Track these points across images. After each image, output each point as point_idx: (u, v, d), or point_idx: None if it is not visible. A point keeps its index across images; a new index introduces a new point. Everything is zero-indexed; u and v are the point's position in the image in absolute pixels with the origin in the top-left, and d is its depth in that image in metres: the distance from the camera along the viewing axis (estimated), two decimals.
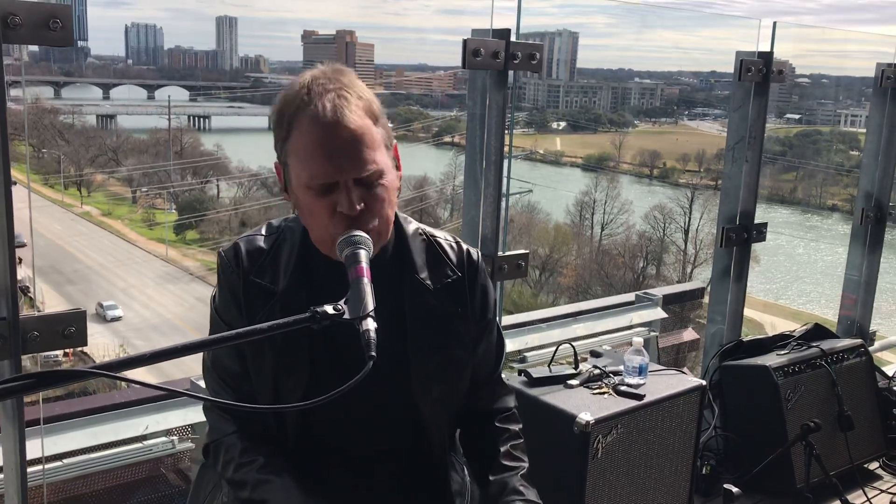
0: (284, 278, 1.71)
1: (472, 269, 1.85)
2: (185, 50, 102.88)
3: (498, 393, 1.97)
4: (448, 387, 1.80)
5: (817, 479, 3.39)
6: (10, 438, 2.18)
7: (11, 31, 1.94)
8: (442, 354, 1.78)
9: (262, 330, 1.31)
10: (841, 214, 49.48)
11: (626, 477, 2.90)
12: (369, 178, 1.59)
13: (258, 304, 1.70)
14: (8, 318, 2.08)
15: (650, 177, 63.47)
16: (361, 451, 1.77)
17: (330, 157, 1.56)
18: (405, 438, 1.80)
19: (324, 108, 1.55)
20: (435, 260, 1.81)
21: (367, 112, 1.60)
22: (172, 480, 3.55)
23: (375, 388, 1.37)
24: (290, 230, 1.76)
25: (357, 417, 1.72)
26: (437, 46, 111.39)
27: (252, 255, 1.73)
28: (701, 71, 75.92)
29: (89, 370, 1.19)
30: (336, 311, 1.35)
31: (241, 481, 1.70)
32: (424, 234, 1.83)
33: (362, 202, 1.58)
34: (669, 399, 2.98)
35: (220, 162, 54.10)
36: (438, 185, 49.58)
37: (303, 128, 1.57)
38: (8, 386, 1.07)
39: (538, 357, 4.29)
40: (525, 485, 1.83)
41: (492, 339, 1.93)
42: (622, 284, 37.25)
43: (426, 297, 1.76)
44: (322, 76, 1.61)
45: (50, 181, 50.61)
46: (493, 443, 1.89)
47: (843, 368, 3.77)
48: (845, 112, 60.91)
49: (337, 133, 1.55)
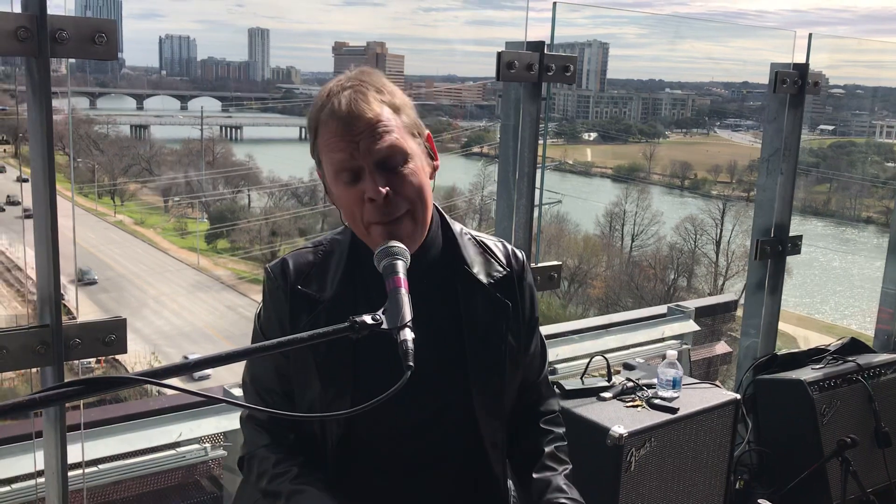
0: (331, 287, 1.73)
1: (519, 266, 1.87)
2: (217, 61, 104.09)
3: (544, 395, 1.98)
4: (504, 381, 1.79)
5: (854, 497, 3.35)
6: (52, 443, 2.22)
7: (59, 46, 1.99)
8: (498, 349, 1.78)
9: (301, 339, 1.33)
10: (876, 227, 48.65)
11: (660, 491, 2.88)
12: (390, 161, 1.62)
13: (303, 312, 1.72)
14: (51, 326, 2.13)
15: (681, 188, 62.94)
16: (414, 458, 1.76)
17: (347, 142, 1.60)
18: (463, 438, 1.78)
19: (339, 102, 1.61)
20: (484, 257, 1.83)
21: (387, 103, 1.64)
22: (205, 487, 3.58)
23: (432, 390, 1.37)
24: (338, 242, 1.78)
25: (413, 423, 1.72)
26: (466, 58, 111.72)
27: (300, 268, 1.76)
28: (733, 82, 75.23)
29: (135, 377, 1.21)
30: (374, 321, 1.36)
31: (275, 492, 1.71)
32: (470, 234, 1.86)
33: (387, 186, 1.61)
34: (703, 413, 2.96)
35: (252, 172, 54.62)
36: (467, 195, 49.61)
37: (325, 124, 1.63)
38: (59, 392, 1.10)
39: (569, 369, 4.27)
40: (569, 484, 1.83)
41: (538, 340, 1.94)
42: (653, 296, 36.96)
43: (480, 293, 1.78)
44: (345, 78, 1.67)
45: (84, 190, 51.39)
46: (537, 443, 1.90)
47: (881, 384, 3.71)
48: (880, 123, 60.00)
49: (353, 122, 1.60)
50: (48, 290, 2.13)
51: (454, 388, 1.74)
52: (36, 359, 2.11)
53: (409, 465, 1.76)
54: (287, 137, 66.88)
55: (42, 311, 2.15)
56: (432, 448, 1.76)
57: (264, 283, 1.79)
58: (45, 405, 1.05)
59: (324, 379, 1.71)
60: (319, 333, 1.34)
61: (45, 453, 2.25)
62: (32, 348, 2.10)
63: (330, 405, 1.71)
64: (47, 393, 1.08)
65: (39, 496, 2.40)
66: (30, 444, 2.43)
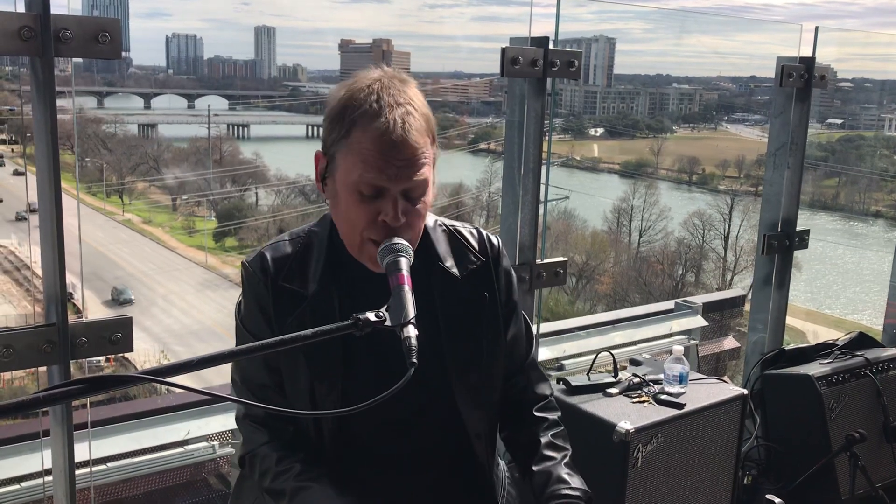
0: (314, 283, 1.72)
1: (494, 253, 1.87)
2: (224, 59, 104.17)
3: (532, 379, 1.97)
4: (484, 373, 1.81)
5: (863, 491, 3.33)
6: (59, 441, 2.23)
7: (63, 45, 2.00)
8: (475, 341, 1.79)
9: (305, 337, 1.33)
10: (886, 221, 48.47)
11: (667, 486, 2.87)
12: (416, 191, 1.63)
13: (288, 309, 1.71)
14: (57, 324, 2.13)
15: (689, 183, 62.71)
16: (402, 452, 1.77)
17: (388, 168, 1.59)
18: (448, 432, 1.80)
19: (394, 123, 1.59)
20: (458, 248, 1.83)
21: (428, 131, 1.65)
22: (213, 485, 3.60)
23: (415, 385, 1.38)
24: (316, 235, 1.78)
25: (401, 416, 1.73)
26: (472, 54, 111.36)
27: (279, 262, 1.75)
28: (740, 76, 74.80)
29: (139, 375, 1.22)
30: (378, 318, 1.37)
31: (279, 490, 1.71)
32: (444, 224, 1.86)
33: (405, 216, 1.61)
34: (710, 408, 2.96)
35: (259, 170, 54.67)
36: (474, 192, 49.57)
37: (368, 135, 1.59)
38: (62, 390, 1.10)
39: (576, 365, 4.27)
40: (570, 472, 1.83)
41: (520, 324, 1.94)
42: (661, 292, 36.86)
43: (454, 286, 1.79)
44: (391, 86, 1.64)
45: (93, 189, 51.56)
46: (533, 433, 1.89)
47: (889, 378, 3.70)
48: (890, 116, 59.66)
49: (402, 149, 1.59)
50: (54, 289, 2.13)
51: (435, 383, 1.74)
52: (42, 358, 2.12)
53: (396, 459, 1.77)
54: (294, 135, 66.91)
55: (48, 310, 2.16)
56: (418, 442, 1.77)
57: (243, 279, 1.78)
58: (49, 404, 1.05)
59: (314, 373, 1.71)
60: (324, 331, 1.35)
61: (52, 452, 2.26)
62: (39, 347, 2.10)
63: (321, 399, 1.71)
64: (51, 392, 1.09)
65: (48, 494, 2.42)
66: (37, 443, 2.44)
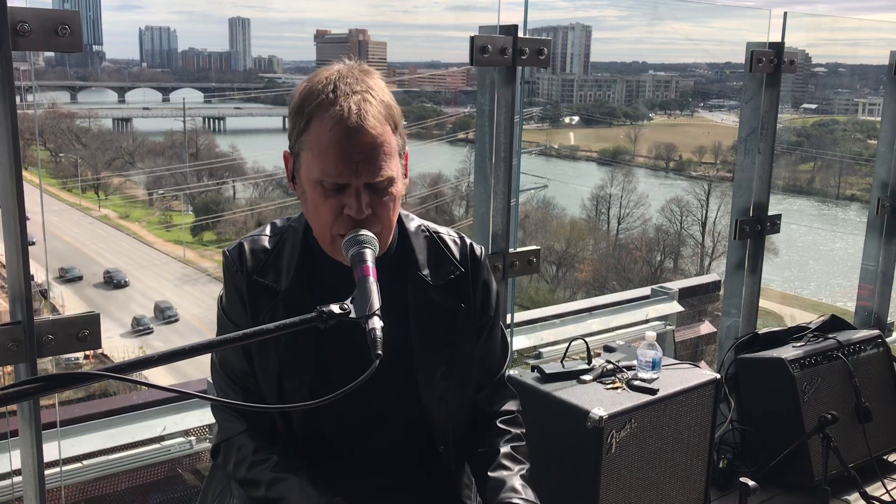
0: (287, 278, 1.72)
1: (475, 264, 1.85)
2: (198, 52, 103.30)
3: (501, 394, 1.95)
4: (454, 383, 1.79)
5: (836, 472, 3.37)
6: (27, 441, 2.21)
7: (21, 39, 1.96)
8: (446, 350, 1.78)
9: (269, 330, 1.32)
10: (860, 204, 48.96)
11: (641, 472, 2.89)
12: (380, 184, 1.60)
13: (262, 304, 1.71)
14: (23, 322, 2.10)
15: (666, 169, 63.06)
16: (369, 449, 1.77)
17: (347, 160, 1.55)
18: (413, 437, 1.80)
19: (349, 110, 1.55)
20: (437, 256, 1.81)
21: (388, 119, 1.60)
22: (189, 481, 3.57)
23: (381, 385, 1.38)
24: (293, 230, 1.77)
25: (365, 415, 1.73)
26: (448, 43, 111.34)
27: (256, 255, 1.75)
28: (716, 62, 75.24)
29: (99, 372, 1.20)
30: (342, 311, 1.36)
31: (255, 480, 1.70)
32: (427, 230, 1.84)
33: (370, 208, 1.59)
34: (683, 393, 2.97)
35: (236, 163, 54.30)
36: (453, 182, 49.55)
37: (324, 125, 1.56)
38: (19, 389, 1.09)
39: (553, 353, 4.29)
40: (524, 485, 1.79)
41: (495, 338, 1.92)
42: (640, 279, 37.11)
43: (429, 294, 1.77)
44: (349, 75, 1.60)
45: (68, 185, 50.99)
46: (494, 442, 1.87)
47: (861, 360, 3.74)
48: (863, 101, 60.28)
49: (358, 138, 1.55)
50: (18, 287, 2.10)
51: (402, 386, 1.74)
52: (8, 356, 2.09)
53: (360, 458, 1.77)
54: (271, 127, 66.46)
55: (13, 308, 2.12)
56: (384, 443, 1.77)
57: (224, 267, 1.79)
58: (2, 403, 1.03)
59: (284, 368, 1.71)
60: (287, 324, 1.33)
61: (21, 452, 2.23)
62: (4, 346, 2.08)
63: (290, 394, 1.71)
64: (6, 391, 1.07)
65: (17, 495, 2.38)
66: (6, 444, 2.41)
